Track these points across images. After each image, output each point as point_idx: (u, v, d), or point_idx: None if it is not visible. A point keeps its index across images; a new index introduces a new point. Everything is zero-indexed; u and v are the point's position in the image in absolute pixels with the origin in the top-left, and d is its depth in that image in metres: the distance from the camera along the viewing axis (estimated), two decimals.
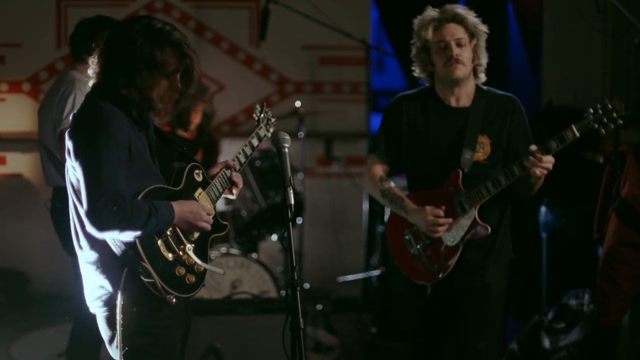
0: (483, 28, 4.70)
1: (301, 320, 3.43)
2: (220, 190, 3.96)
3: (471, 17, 4.67)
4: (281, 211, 7.09)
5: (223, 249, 6.86)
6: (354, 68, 8.51)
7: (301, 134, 7.51)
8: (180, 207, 3.67)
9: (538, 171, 4.39)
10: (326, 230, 8.48)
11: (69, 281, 5.22)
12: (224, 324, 5.95)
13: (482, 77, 4.77)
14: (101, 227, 3.49)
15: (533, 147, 4.42)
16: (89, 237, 3.64)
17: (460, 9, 4.68)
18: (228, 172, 3.99)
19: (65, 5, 8.20)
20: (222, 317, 5.99)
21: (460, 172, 4.61)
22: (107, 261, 3.64)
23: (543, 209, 6.92)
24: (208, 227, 3.77)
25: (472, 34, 4.66)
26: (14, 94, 8.22)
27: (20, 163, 8.31)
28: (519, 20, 9.09)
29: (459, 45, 4.62)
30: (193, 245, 3.75)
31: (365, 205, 8.12)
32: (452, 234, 4.62)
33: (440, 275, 4.64)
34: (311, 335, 7.08)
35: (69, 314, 5.58)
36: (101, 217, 3.46)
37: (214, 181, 3.93)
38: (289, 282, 3.48)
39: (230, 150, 7.60)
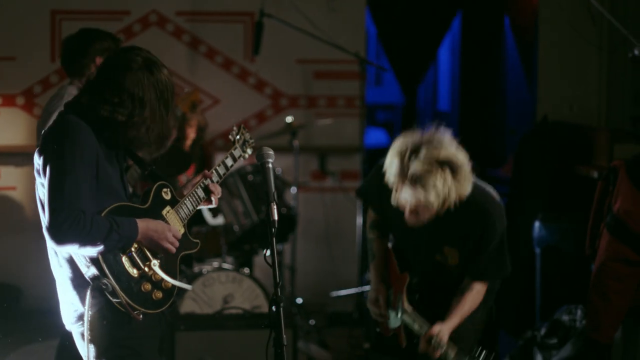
0: (448, 186, 4.07)
1: (284, 336, 3.43)
2: (191, 208, 3.91)
3: (438, 178, 4.04)
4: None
5: (215, 264, 6.83)
6: (349, 82, 8.46)
7: (294, 148, 7.50)
8: (145, 224, 3.66)
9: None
10: (320, 244, 8.43)
11: None
12: (214, 339, 5.94)
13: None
14: (59, 241, 3.52)
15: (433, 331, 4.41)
16: (62, 256, 3.67)
17: (424, 165, 4.03)
18: (199, 190, 3.94)
19: (60, 19, 8.18)
20: (213, 332, 5.99)
21: (407, 278, 4.52)
22: (76, 279, 3.66)
23: (537, 224, 6.88)
24: (173, 249, 3.74)
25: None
26: (8, 108, 8.19)
27: (14, 177, 8.27)
28: (515, 34, 9.09)
29: (414, 212, 4.22)
30: (159, 261, 3.72)
31: (359, 220, 8.08)
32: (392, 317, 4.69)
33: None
34: (303, 350, 7.04)
35: (59, 328, 5.56)
36: (60, 231, 3.48)
37: (184, 199, 3.89)
38: (272, 298, 3.48)
39: None
